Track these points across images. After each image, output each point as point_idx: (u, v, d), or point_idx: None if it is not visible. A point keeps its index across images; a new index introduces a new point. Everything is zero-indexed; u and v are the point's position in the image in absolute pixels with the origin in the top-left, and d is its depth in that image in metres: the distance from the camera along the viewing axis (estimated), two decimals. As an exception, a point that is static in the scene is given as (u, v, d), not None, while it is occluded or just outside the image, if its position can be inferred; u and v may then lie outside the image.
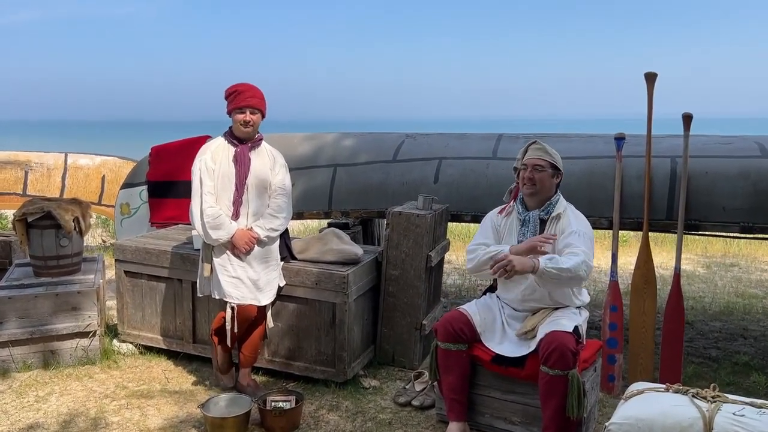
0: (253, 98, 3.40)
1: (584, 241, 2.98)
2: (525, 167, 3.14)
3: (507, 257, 2.86)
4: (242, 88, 3.43)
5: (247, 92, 3.41)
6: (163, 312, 4.06)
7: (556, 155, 3.17)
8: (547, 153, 3.14)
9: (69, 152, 7.51)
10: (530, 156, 3.15)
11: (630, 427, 2.62)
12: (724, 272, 6.79)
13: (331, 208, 4.76)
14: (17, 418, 3.32)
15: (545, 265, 2.83)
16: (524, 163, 3.15)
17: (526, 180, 3.12)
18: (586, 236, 3.02)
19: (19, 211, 4.11)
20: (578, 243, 2.96)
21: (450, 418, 3.13)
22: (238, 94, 3.41)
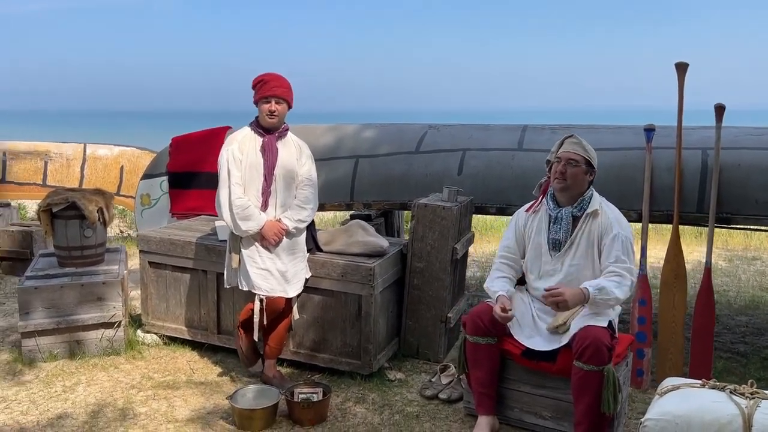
0: (278, 88, 3.36)
1: (629, 251, 2.95)
2: (558, 160, 3.07)
3: (562, 294, 2.85)
4: (268, 77, 3.40)
5: (273, 81, 3.38)
6: (188, 303, 4.05)
7: (591, 152, 3.09)
8: (582, 148, 3.06)
9: (88, 143, 7.53)
10: (565, 149, 3.07)
11: (667, 423, 2.59)
12: (746, 266, 6.70)
13: (352, 199, 4.74)
14: (46, 407, 3.33)
15: (595, 297, 2.84)
16: (558, 156, 3.08)
17: (558, 174, 3.05)
18: (628, 242, 2.97)
19: (44, 202, 4.12)
20: (625, 257, 2.92)
21: (479, 412, 3.11)
22: (263, 84, 3.37)
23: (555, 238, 3.08)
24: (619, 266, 2.91)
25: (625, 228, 3.02)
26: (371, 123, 5.16)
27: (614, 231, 2.97)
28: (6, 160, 7.14)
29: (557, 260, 3.08)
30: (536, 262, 3.16)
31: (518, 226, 3.24)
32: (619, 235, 2.96)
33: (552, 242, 3.09)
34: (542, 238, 3.14)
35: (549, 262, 3.10)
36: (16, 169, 7.17)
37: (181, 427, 3.15)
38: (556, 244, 3.08)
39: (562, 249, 3.07)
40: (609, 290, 2.85)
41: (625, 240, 2.97)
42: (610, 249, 2.95)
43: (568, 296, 2.84)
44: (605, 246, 2.97)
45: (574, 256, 3.05)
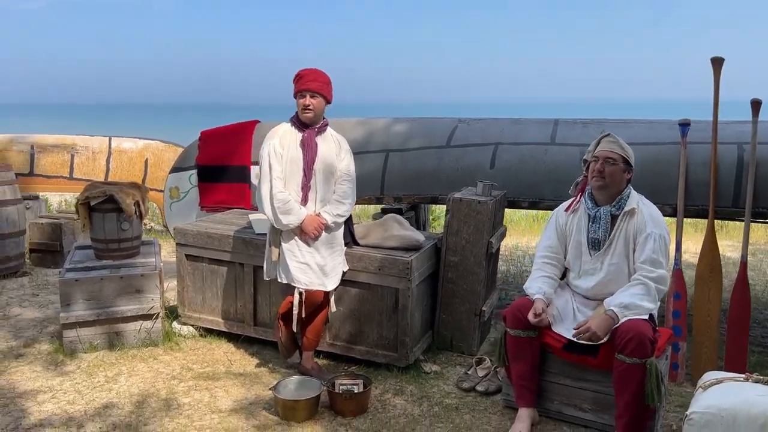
0: (313, 82, 3.37)
1: (662, 250, 2.96)
2: (596, 159, 3.07)
3: (589, 329, 2.88)
4: (304, 72, 3.42)
5: (309, 76, 3.39)
6: (224, 295, 4.11)
7: (629, 150, 3.09)
8: (620, 146, 3.06)
9: (113, 136, 7.60)
10: (603, 148, 3.07)
11: (712, 416, 2.62)
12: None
13: (383, 193, 4.78)
14: (91, 397, 3.40)
15: (624, 315, 2.87)
16: (596, 155, 3.08)
17: (596, 172, 3.05)
18: (663, 240, 2.98)
19: (82, 195, 4.18)
20: (656, 255, 2.93)
21: (519, 405, 3.14)
22: (299, 79, 3.40)
23: (594, 237, 3.10)
24: (645, 273, 2.91)
25: (659, 226, 3.02)
26: (401, 117, 5.19)
27: (648, 230, 2.98)
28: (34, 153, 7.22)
29: (597, 259, 3.11)
30: (576, 260, 3.18)
31: (558, 225, 3.26)
32: (652, 234, 2.97)
33: (591, 241, 3.11)
34: (582, 237, 3.15)
35: (589, 261, 3.13)
36: (44, 162, 7.25)
37: (225, 417, 3.21)
38: (595, 243, 3.10)
39: (601, 248, 3.09)
40: (635, 305, 2.87)
41: (658, 238, 2.97)
42: (642, 248, 2.97)
43: (597, 328, 2.88)
44: (638, 244, 2.98)
45: (613, 255, 3.06)
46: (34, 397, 3.38)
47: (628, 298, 2.89)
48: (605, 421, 3.08)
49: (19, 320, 4.53)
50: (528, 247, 7.26)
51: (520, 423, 3.09)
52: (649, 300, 2.88)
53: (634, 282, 2.94)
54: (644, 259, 2.95)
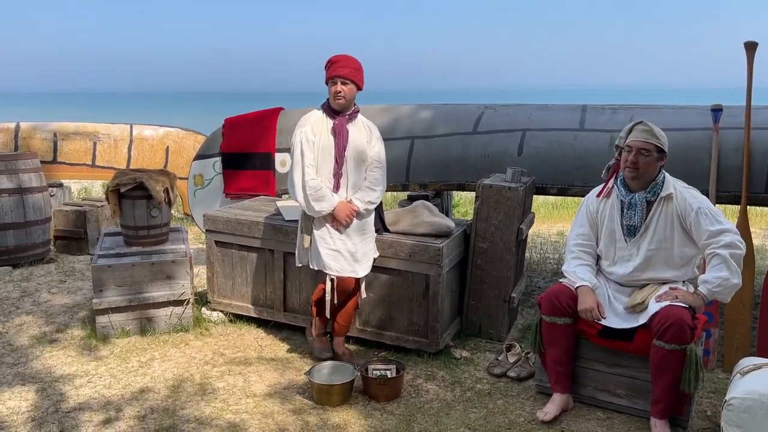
0: (345, 68, 3.36)
1: (717, 215, 2.94)
2: (629, 149, 3.03)
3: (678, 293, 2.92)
4: (337, 58, 3.41)
5: (340, 62, 3.38)
6: (254, 281, 4.14)
7: (662, 137, 3.04)
8: (654, 136, 3.01)
9: (134, 123, 7.62)
10: (636, 137, 3.02)
11: (753, 402, 2.62)
12: (795, 246, 6.64)
13: (408, 180, 4.78)
14: (127, 382, 3.44)
15: (714, 294, 2.90)
16: (629, 145, 3.03)
17: (629, 163, 3.01)
18: (710, 209, 2.96)
19: (113, 182, 4.21)
20: (716, 223, 2.91)
21: (555, 390, 3.15)
22: (331, 65, 3.39)
23: (630, 224, 3.08)
24: (713, 247, 2.89)
25: (701, 199, 3.02)
26: (426, 103, 5.17)
27: (695, 207, 2.96)
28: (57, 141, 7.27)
29: (633, 245, 3.09)
30: (610, 248, 3.17)
31: (590, 212, 3.25)
32: (702, 209, 2.95)
33: (627, 228, 3.10)
34: (615, 224, 3.14)
35: (624, 248, 3.11)
36: (67, 150, 7.30)
37: (260, 401, 3.24)
38: (631, 230, 3.09)
39: (637, 234, 3.08)
40: (724, 279, 2.86)
41: (707, 209, 2.96)
42: (698, 226, 2.94)
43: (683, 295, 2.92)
44: (692, 225, 2.96)
45: (651, 240, 3.05)
46: (71, 382, 3.43)
47: (707, 275, 2.90)
48: (639, 407, 3.08)
49: (50, 306, 4.58)
50: (549, 234, 7.25)
51: (551, 404, 3.10)
52: (730, 271, 2.85)
53: (710, 258, 2.91)
54: (707, 236, 2.92)
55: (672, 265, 3.06)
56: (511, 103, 4.97)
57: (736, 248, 2.87)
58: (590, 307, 3.00)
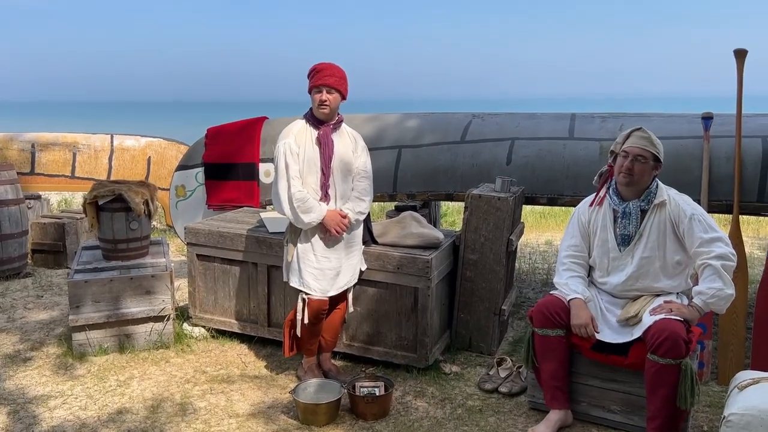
0: (330, 77, 3.26)
1: (709, 223, 2.88)
2: (626, 155, 2.96)
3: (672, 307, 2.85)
4: (321, 66, 3.30)
5: (325, 71, 3.28)
6: (237, 296, 4.01)
7: (659, 145, 2.97)
8: (652, 143, 2.95)
9: (115, 134, 7.47)
10: (633, 143, 2.95)
11: (752, 418, 2.54)
12: (783, 255, 6.62)
13: (396, 190, 4.69)
14: (104, 402, 3.30)
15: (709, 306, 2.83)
16: (625, 151, 2.97)
17: (624, 169, 2.95)
18: (703, 216, 2.91)
19: (91, 194, 4.07)
20: (709, 231, 2.85)
21: (552, 406, 3.05)
22: (316, 73, 3.28)
23: (625, 233, 3.01)
24: (704, 257, 2.83)
25: (694, 206, 2.97)
26: (413, 112, 5.09)
27: (688, 213, 2.91)
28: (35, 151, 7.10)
29: (627, 254, 3.02)
30: (603, 258, 3.10)
31: (581, 222, 3.17)
32: (695, 216, 2.90)
33: (621, 237, 3.03)
34: (608, 234, 3.07)
35: (618, 258, 3.04)
36: (45, 161, 7.13)
37: (243, 422, 3.12)
38: (625, 239, 3.02)
39: (631, 243, 3.01)
40: (717, 291, 2.80)
41: (701, 216, 2.91)
42: (691, 232, 2.88)
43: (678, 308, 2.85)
44: (685, 232, 2.90)
45: (645, 248, 2.98)
46: (44, 403, 3.28)
47: (701, 286, 2.83)
48: (635, 423, 3.00)
49: (25, 323, 4.43)
50: (538, 243, 7.19)
51: (543, 425, 3.00)
52: (724, 281, 2.79)
53: (702, 269, 2.85)
54: (699, 244, 2.86)
55: (666, 274, 2.99)
56: (499, 111, 4.90)
57: (728, 259, 2.81)
58: (584, 322, 2.92)
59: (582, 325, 2.93)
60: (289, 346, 3.45)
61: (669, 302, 2.91)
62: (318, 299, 3.28)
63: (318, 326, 3.39)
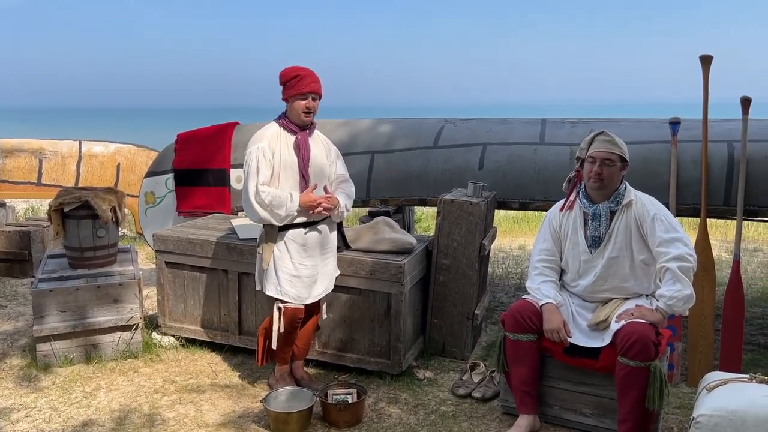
0: (315, 83, 3.18)
1: (672, 224, 2.91)
2: (593, 160, 2.99)
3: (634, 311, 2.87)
4: (303, 72, 3.20)
5: (309, 77, 3.18)
6: (207, 304, 3.95)
7: (623, 146, 3.01)
8: (616, 145, 2.98)
9: (83, 140, 7.32)
10: (599, 148, 2.97)
11: (721, 419, 2.56)
12: (749, 257, 6.76)
13: (369, 196, 4.66)
14: (69, 415, 3.21)
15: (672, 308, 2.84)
16: (592, 156, 2.99)
17: (593, 175, 2.97)
18: (666, 216, 2.94)
19: (56, 201, 3.98)
20: (671, 231, 2.88)
21: (521, 411, 3.06)
22: (300, 79, 3.18)
23: (595, 235, 3.04)
24: (663, 259, 2.85)
25: (659, 207, 3.00)
26: (385, 118, 5.08)
27: (651, 213, 2.94)
28: (0, 158, 6.93)
29: (597, 256, 3.04)
30: (575, 261, 3.11)
31: (553, 226, 3.19)
32: (657, 215, 2.93)
33: (592, 239, 3.05)
34: (579, 237, 3.09)
35: (589, 260, 3.06)
36: (10, 168, 6.95)
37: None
38: (596, 241, 3.04)
39: (601, 245, 3.03)
40: (675, 296, 2.81)
41: (663, 216, 2.94)
42: (653, 232, 2.91)
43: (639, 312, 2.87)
44: (647, 231, 2.93)
45: (613, 249, 3.01)
46: (6, 416, 3.18)
47: (662, 290, 2.86)
48: (607, 426, 3.01)
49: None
50: (511, 248, 7.23)
51: (513, 430, 3.00)
52: (684, 284, 2.81)
53: (660, 272, 2.89)
54: (659, 243, 2.89)
55: (633, 274, 3.02)
56: (470, 117, 4.92)
57: (684, 261, 2.84)
58: (557, 327, 2.93)
59: (554, 330, 2.94)
60: (262, 355, 3.39)
61: (639, 306, 2.93)
62: (294, 307, 3.22)
63: (293, 334, 3.34)
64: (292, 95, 3.16)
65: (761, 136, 3.83)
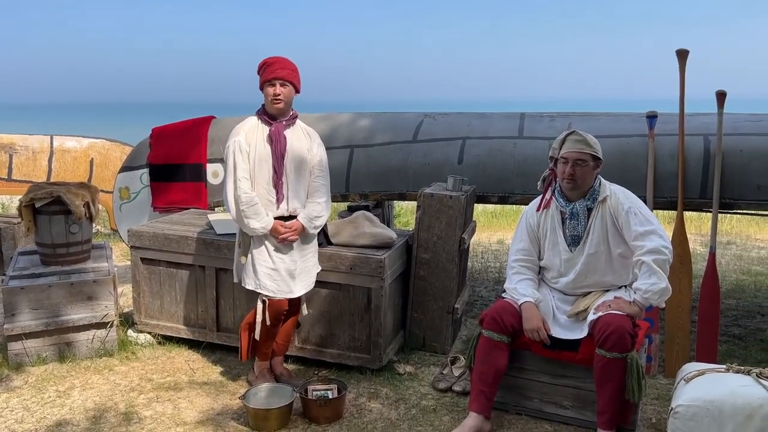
0: (283, 70, 3.16)
1: (646, 216, 2.92)
2: (565, 161, 2.98)
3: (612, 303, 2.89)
4: (271, 60, 3.19)
5: (277, 64, 3.17)
6: (184, 300, 3.89)
7: (596, 144, 3.00)
8: (588, 145, 2.97)
9: (55, 134, 7.17)
10: (570, 148, 2.97)
11: (698, 409, 2.59)
12: (723, 250, 6.87)
13: (348, 190, 4.63)
14: (42, 415, 3.14)
15: (648, 300, 2.85)
16: (564, 156, 2.98)
17: (567, 175, 2.97)
18: (640, 209, 2.95)
19: (26, 197, 3.87)
20: (645, 224, 2.89)
21: (471, 408, 2.96)
22: (267, 67, 3.16)
23: (574, 234, 3.04)
24: (639, 253, 2.87)
25: (633, 200, 3.01)
26: (365, 112, 5.05)
27: (625, 206, 2.96)
28: (-32, 153, 6.76)
29: (578, 254, 3.05)
30: (555, 259, 3.12)
31: (530, 226, 3.18)
32: (632, 209, 2.95)
33: (571, 238, 3.06)
34: (558, 236, 3.09)
35: (570, 258, 3.07)
36: (-21, 164, 6.79)
37: (191, 429, 3.01)
38: (575, 239, 3.05)
39: (581, 242, 3.04)
40: (650, 288, 2.82)
41: (638, 209, 2.95)
42: (628, 225, 2.93)
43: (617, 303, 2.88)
44: (623, 225, 2.94)
45: (591, 244, 3.02)
46: (-23, 417, 3.10)
47: (638, 283, 2.88)
48: (587, 418, 3.03)
49: (-43, 333, 4.18)
50: (490, 243, 7.25)
51: (459, 430, 2.91)
52: (659, 276, 2.82)
53: (636, 265, 2.91)
54: (634, 237, 2.90)
55: (612, 268, 3.03)
56: (449, 111, 4.91)
57: (659, 253, 2.85)
58: (536, 326, 2.93)
59: (534, 330, 2.94)
60: (246, 350, 3.36)
61: (617, 299, 2.94)
62: (278, 300, 3.19)
63: (277, 328, 3.31)
64: (262, 84, 3.15)
65: (735, 129, 3.88)
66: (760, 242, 7.41)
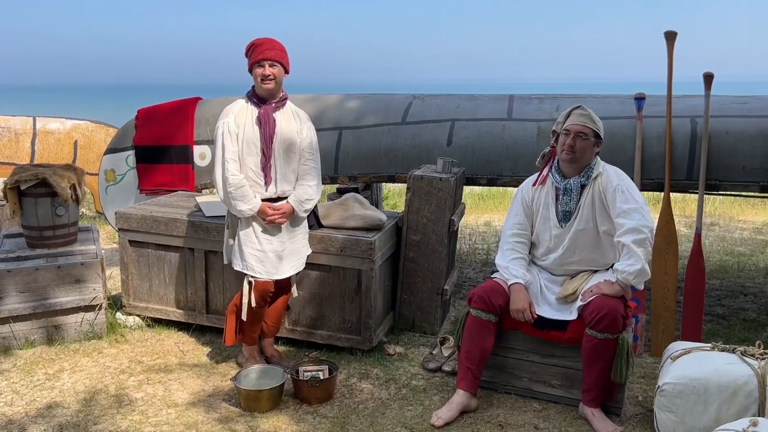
0: (271, 50, 3.13)
1: (632, 194, 2.94)
2: (567, 132, 3.01)
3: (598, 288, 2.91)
4: (260, 41, 3.16)
5: (265, 44, 3.14)
6: (173, 282, 3.87)
7: (599, 122, 3.05)
8: (592, 120, 3.02)
9: (38, 116, 7.06)
10: (574, 122, 3.01)
11: (684, 387, 2.65)
12: (706, 231, 6.95)
13: (337, 173, 4.62)
14: (32, 397, 3.13)
15: (627, 280, 2.86)
16: (567, 129, 3.02)
17: (567, 147, 3.00)
18: (628, 187, 2.97)
19: (11, 179, 3.82)
20: (631, 202, 2.91)
21: (458, 386, 3.02)
22: (255, 48, 3.13)
23: (566, 209, 3.07)
24: (619, 233, 2.90)
25: (622, 177, 3.04)
26: (353, 93, 5.02)
27: (614, 184, 2.98)
28: (-52, 135, 6.64)
29: (567, 230, 3.08)
30: (545, 234, 3.14)
31: (525, 200, 3.21)
32: (619, 186, 2.97)
33: (562, 213, 3.08)
34: (550, 212, 3.11)
35: (559, 234, 3.09)
36: (-40, 145, 6.68)
37: (182, 411, 3.02)
38: (566, 215, 3.07)
39: (571, 218, 3.07)
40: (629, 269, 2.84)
41: (625, 187, 2.97)
42: (613, 202, 2.95)
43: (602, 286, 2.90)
44: (609, 202, 2.97)
45: (580, 221, 3.05)
46: (-35, 401, 3.08)
47: (618, 264, 2.90)
48: (574, 396, 3.07)
49: (-58, 317, 4.14)
50: (477, 224, 7.28)
51: (446, 408, 2.95)
52: (633, 256, 2.84)
53: (617, 246, 2.93)
54: (617, 214, 2.93)
55: (599, 246, 3.06)
56: (439, 93, 4.90)
57: (639, 233, 2.86)
58: (522, 308, 2.96)
59: (520, 310, 2.97)
60: (231, 334, 3.35)
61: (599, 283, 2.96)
62: (264, 281, 3.19)
63: (263, 309, 3.31)
64: (250, 66, 3.13)
65: (721, 111, 3.91)
66: (743, 223, 7.51)
